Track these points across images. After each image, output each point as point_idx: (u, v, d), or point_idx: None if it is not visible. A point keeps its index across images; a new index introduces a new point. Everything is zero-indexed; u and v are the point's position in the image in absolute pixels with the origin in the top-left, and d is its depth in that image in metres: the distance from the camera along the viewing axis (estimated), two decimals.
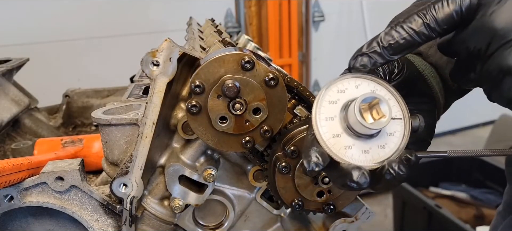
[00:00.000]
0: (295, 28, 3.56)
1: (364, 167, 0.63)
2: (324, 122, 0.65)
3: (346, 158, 0.64)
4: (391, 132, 0.65)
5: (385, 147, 0.65)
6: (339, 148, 0.64)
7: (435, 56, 0.81)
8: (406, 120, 0.65)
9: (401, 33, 0.65)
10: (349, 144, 0.64)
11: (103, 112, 0.90)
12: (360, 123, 0.62)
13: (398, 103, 0.66)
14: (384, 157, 0.64)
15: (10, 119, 1.34)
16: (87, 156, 1.12)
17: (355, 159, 0.64)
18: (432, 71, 0.81)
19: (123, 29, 3.19)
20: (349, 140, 0.64)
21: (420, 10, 0.64)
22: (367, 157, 0.64)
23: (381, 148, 0.65)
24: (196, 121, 0.79)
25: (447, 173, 3.17)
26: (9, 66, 1.41)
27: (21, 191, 0.86)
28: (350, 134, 0.64)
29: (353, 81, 0.66)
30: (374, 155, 0.64)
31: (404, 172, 0.62)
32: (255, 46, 1.21)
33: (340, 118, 0.65)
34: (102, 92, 1.65)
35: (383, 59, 0.66)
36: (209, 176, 0.88)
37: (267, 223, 1.01)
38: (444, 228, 2.47)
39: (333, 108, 0.65)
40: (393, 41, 0.65)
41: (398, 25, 0.65)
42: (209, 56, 0.78)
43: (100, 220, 0.89)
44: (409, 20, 0.65)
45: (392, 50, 0.65)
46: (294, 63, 3.62)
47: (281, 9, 3.48)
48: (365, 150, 0.64)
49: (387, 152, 0.64)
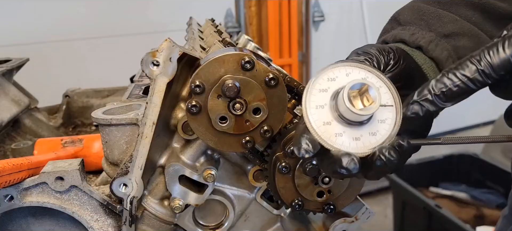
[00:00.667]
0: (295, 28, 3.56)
1: (354, 154, 0.63)
2: (314, 110, 0.64)
3: (336, 145, 0.63)
4: (382, 119, 0.65)
5: (376, 134, 0.64)
6: (329, 135, 0.64)
7: (435, 50, 0.81)
8: (397, 107, 0.65)
9: (454, 81, 0.62)
10: (339, 131, 0.64)
11: (103, 112, 0.90)
12: (349, 110, 0.61)
13: (389, 91, 0.65)
14: (375, 144, 0.64)
15: (10, 119, 1.34)
16: (87, 156, 1.12)
17: (345, 146, 0.64)
18: (431, 66, 0.81)
19: (123, 29, 3.19)
20: (340, 127, 0.64)
21: (473, 55, 0.61)
22: (358, 144, 0.64)
23: (372, 135, 0.64)
24: (196, 121, 0.79)
25: (447, 173, 3.17)
26: (9, 66, 1.41)
27: (21, 191, 0.86)
28: (340, 121, 0.64)
29: (343, 69, 0.66)
30: (365, 142, 0.64)
31: (395, 158, 0.62)
32: (255, 46, 1.21)
33: (330, 105, 0.65)
34: (102, 92, 1.65)
35: (435, 107, 0.64)
36: (209, 176, 0.88)
37: (267, 223, 1.01)
38: (444, 228, 2.47)
39: (323, 96, 0.65)
40: (446, 88, 0.62)
41: (450, 72, 0.63)
42: (209, 56, 0.78)
43: (100, 220, 0.89)
44: (462, 67, 0.62)
45: (445, 98, 0.63)
46: (294, 63, 3.62)
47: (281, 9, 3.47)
48: (356, 137, 0.64)
49: (378, 139, 0.64)
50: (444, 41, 0.82)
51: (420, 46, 0.82)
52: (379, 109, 0.63)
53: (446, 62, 0.81)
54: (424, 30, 0.84)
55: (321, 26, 3.91)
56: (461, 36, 0.83)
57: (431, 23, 0.85)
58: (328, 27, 3.95)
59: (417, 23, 0.86)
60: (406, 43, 0.84)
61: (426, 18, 0.86)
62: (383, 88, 0.65)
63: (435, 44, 0.81)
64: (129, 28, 3.20)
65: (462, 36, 0.83)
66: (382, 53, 0.75)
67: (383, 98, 0.64)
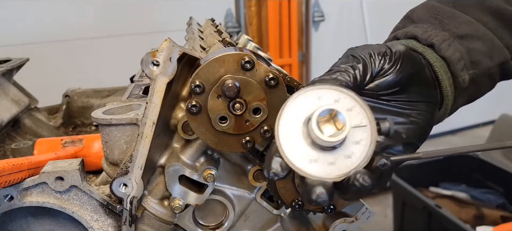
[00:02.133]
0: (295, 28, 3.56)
1: (328, 181, 0.63)
2: (287, 137, 0.64)
3: (311, 172, 0.63)
4: (357, 140, 0.64)
5: (351, 156, 0.64)
6: (303, 163, 0.64)
7: (448, 50, 0.79)
8: (372, 126, 0.64)
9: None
10: (313, 158, 0.64)
11: (103, 112, 0.90)
12: (318, 137, 0.62)
13: (363, 110, 0.64)
14: (351, 167, 0.63)
15: (10, 118, 1.34)
16: (87, 156, 1.12)
17: (320, 172, 0.63)
18: (443, 66, 0.79)
19: (123, 29, 3.19)
20: (314, 153, 0.64)
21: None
22: (332, 168, 0.64)
23: (348, 157, 0.64)
24: (196, 121, 0.79)
25: (447, 173, 3.17)
26: (9, 66, 1.41)
27: (21, 191, 0.86)
28: (313, 147, 0.64)
29: (315, 92, 0.65)
30: (340, 166, 0.64)
31: (369, 183, 0.62)
32: (255, 46, 1.21)
33: (303, 132, 0.64)
34: (102, 92, 1.65)
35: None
36: (209, 176, 0.88)
37: (267, 223, 1.01)
38: (444, 228, 2.47)
39: (296, 123, 0.65)
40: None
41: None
42: (209, 56, 0.78)
43: (100, 220, 0.89)
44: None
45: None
46: (294, 63, 3.62)
47: (281, 9, 3.47)
48: (331, 162, 0.64)
49: (353, 161, 0.64)
50: (458, 42, 0.80)
51: (432, 44, 0.80)
52: (353, 130, 0.63)
53: (457, 64, 0.79)
54: (438, 29, 0.82)
55: (321, 26, 3.91)
56: (475, 39, 0.81)
57: (446, 23, 0.83)
58: (328, 27, 3.95)
59: (431, 21, 0.84)
60: (418, 40, 0.82)
61: (441, 17, 0.84)
62: (356, 108, 0.64)
63: (448, 44, 0.80)
64: (129, 28, 3.20)
65: (477, 40, 0.81)
66: (374, 57, 0.74)
67: (356, 120, 0.64)
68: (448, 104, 0.81)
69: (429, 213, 2.57)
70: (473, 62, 0.80)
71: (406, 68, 0.75)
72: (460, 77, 0.79)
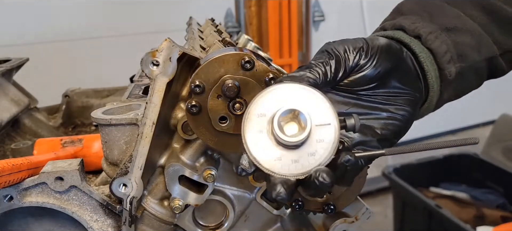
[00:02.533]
0: (295, 28, 3.55)
1: (290, 178, 0.64)
2: (253, 135, 0.66)
3: (275, 170, 0.65)
4: (320, 139, 0.65)
5: (315, 154, 0.65)
6: (269, 160, 0.65)
7: (435, 42, 0.79)
8: (335, 125, 0.65)
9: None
10: (278, 156, 0.65)
11: (103, 112, 0.90)
12: (280, 137, 0.63)
13: (327, 108, 0.66)
14: (314, 164, 0.65)
15: (10, 118, 1.34)
16: (87, 156, 1.12)
17: (284, 170, 0.65)
18: (429, 57, 0.79)
19: (123, 29, 3.19)
20: (278, 152, 0.65)
21: None
22: (297, 166, 0.65)
23: (311, 155, 0.65)
24: (196, 121, 0.79)
25: (447, 173, 3.17)
26: (9, 66, 1.41)
27: (21, 191, 0.86)
28: (278, 145, 0.65)
29: (281, 91, 0.67)
30: (304, 163, 0.65)
31: (328, 181, 0.63)
32: (255, 46, 1.21)
33: (268, 130, 0.66)
34: (102, 92, 1.64)
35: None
36: (209, 176, 0.88)
37: (267, 223, 1.01)
38: (444, 228, 2.47)
39: (261, 121, 0.66)
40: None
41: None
42: (209, 56, 0.78)
43: (100, 220, 0.89)
44: None
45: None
46: (294, 63, 3.61)
47: (281, 9, 3.47)
48: (295, 159, 0.65)
49: (317, 159, 0.65)
50: (445, 34, 0.81)
51: (419, 35, 0.80)
52: (317, 128, 0.65)
53: (444, 56, 0.79)
54: (426, 21, 0.82)
55: (321, 26, 3.90)
56: (463, 33, 0.81)
57: (434, 15, 0.83)
58: (328, 27, 3.95)
59: (420, 13, 0.84)
60: (406, 31, 0.82)
61: (429, 10, 0.84)
62: (321, 106, 0.66)
63: (435, 36, 0.80)
64: (129, 28, 3.20)
65: (464, 33, 0.82)
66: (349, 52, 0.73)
67: (319, 118, 0.65)
68: (433, 97, 0.81)
69: (429, 213, 2.57)
70: (460, 56, 0.80)
71: (384, 62, 0.75)
72: (446, 69, 0.79)
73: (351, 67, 0.74)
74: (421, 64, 0.79)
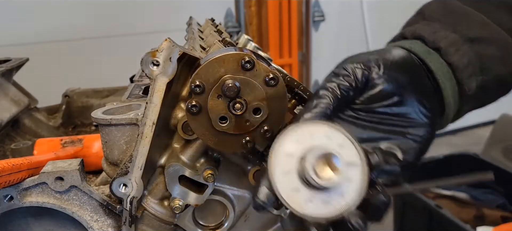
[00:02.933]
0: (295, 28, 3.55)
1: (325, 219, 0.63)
2: (281, 176, 0.64)
3: (307, 212, 0.64)
4: (350, 178, 0.64)
5: (344, 195, 0.64)
6: (299, 202, 0.64)
7: (455, 55, 0.74)
8: (363, 164, 0.64)
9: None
10: (309, 197, 0.64)
11: (103, 112, 0.90)
12: (316, 181, 0.62)
13: (354, 147, 0.65)
14: (345, 206, 0.64)
15: (10, 118, 1.34)
16: (87, 156, 1.12)
17: (317, 212, 0.64)
18: (448, 73, 0.75)
19: (123, 29, 3.18)
20: (309, 193, 0.64)
21: None
22: (328, 207, 0.64)
23: (341, 196, 0.64)
24: (196, 120, 0.79)
25: (447, 173, 3.16)
26: (9, 66, 1.41)
27: (21, 191, 0.86)
28: (308, 187, 0.64)
29: (307, 128, 0.66)
30: (335, 205, 0.64)
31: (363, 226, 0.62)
32: (255, 46, 1.21)
33: (297, 171, 0.64)
34: (102, 92, 1.64)
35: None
36: (209, 176, 0.88)
37: (267, 223, 1.01)
38: (444, 229, 2.47)
39: (289, 161, 0.65)
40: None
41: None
42: (209, 56, 0.78)
43: (100, 220, 0.89)
44: None
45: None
46: (294, 63, 3.62)
47: (281, 9, 3.47)
48: (326, 201, 0.64)
49: (347, 200, 0.64)
50: (468, 46, 0.75)
51: (439, 47, 0.75)
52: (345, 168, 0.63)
53: (464, 70, 0.74)
54: (448, 30, 0.76)
55: (321, 26, 3.90)
56: (488, 43, 0.75)
57: (458, 23, 0.77)
58: (328, 27, 3.95)
59: (443, 20, 0.78)
60: (425, 41, 0.77)
61: (454, 16, 0.78)
62: (347, 145, 0.65)
63: (456, 49, 0.74)
64: (129, 28, 3.20)
65: (489, 43, 0.75)
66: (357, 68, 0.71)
67: (347, 156, 0.64)
68: (449, 114, 0.77)
69: (429, 213, 2.57)
70: (484, 69, 0.75)
71: (398, 77, 0.71)
72: (465, 84, 0.75)
73: (361, 82, 0.71)
74: (438, 83, 0.75)
